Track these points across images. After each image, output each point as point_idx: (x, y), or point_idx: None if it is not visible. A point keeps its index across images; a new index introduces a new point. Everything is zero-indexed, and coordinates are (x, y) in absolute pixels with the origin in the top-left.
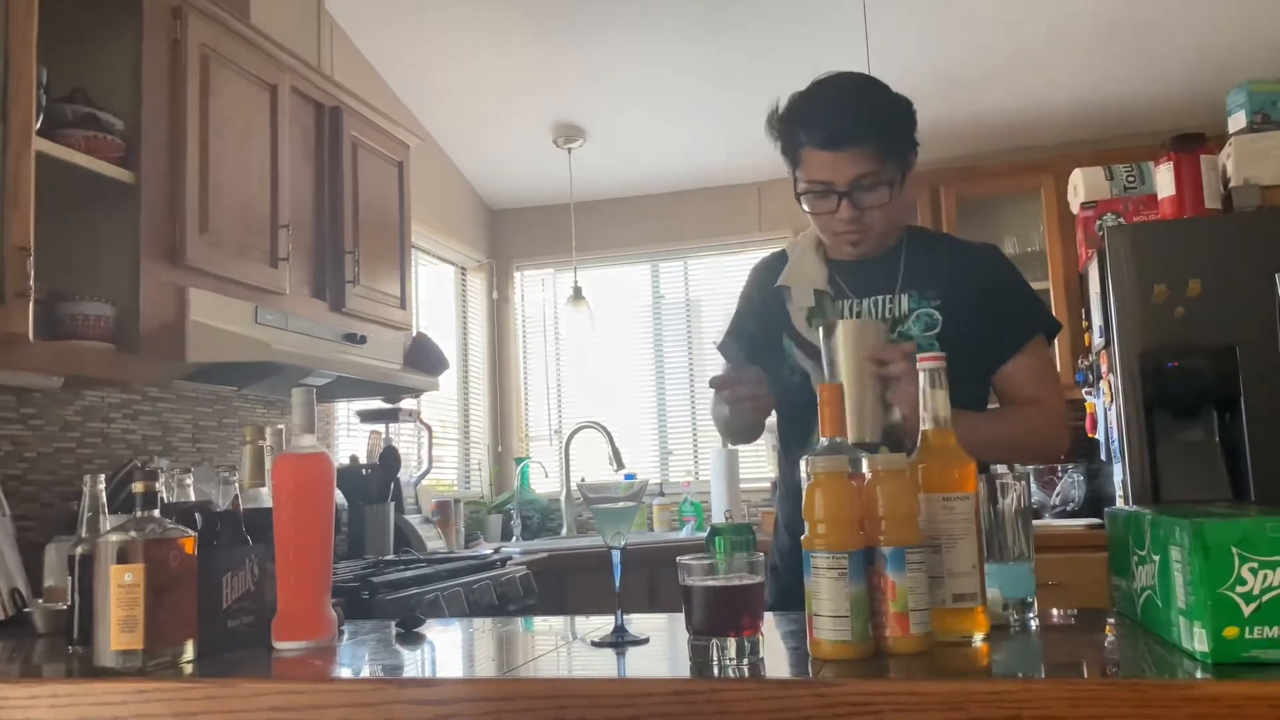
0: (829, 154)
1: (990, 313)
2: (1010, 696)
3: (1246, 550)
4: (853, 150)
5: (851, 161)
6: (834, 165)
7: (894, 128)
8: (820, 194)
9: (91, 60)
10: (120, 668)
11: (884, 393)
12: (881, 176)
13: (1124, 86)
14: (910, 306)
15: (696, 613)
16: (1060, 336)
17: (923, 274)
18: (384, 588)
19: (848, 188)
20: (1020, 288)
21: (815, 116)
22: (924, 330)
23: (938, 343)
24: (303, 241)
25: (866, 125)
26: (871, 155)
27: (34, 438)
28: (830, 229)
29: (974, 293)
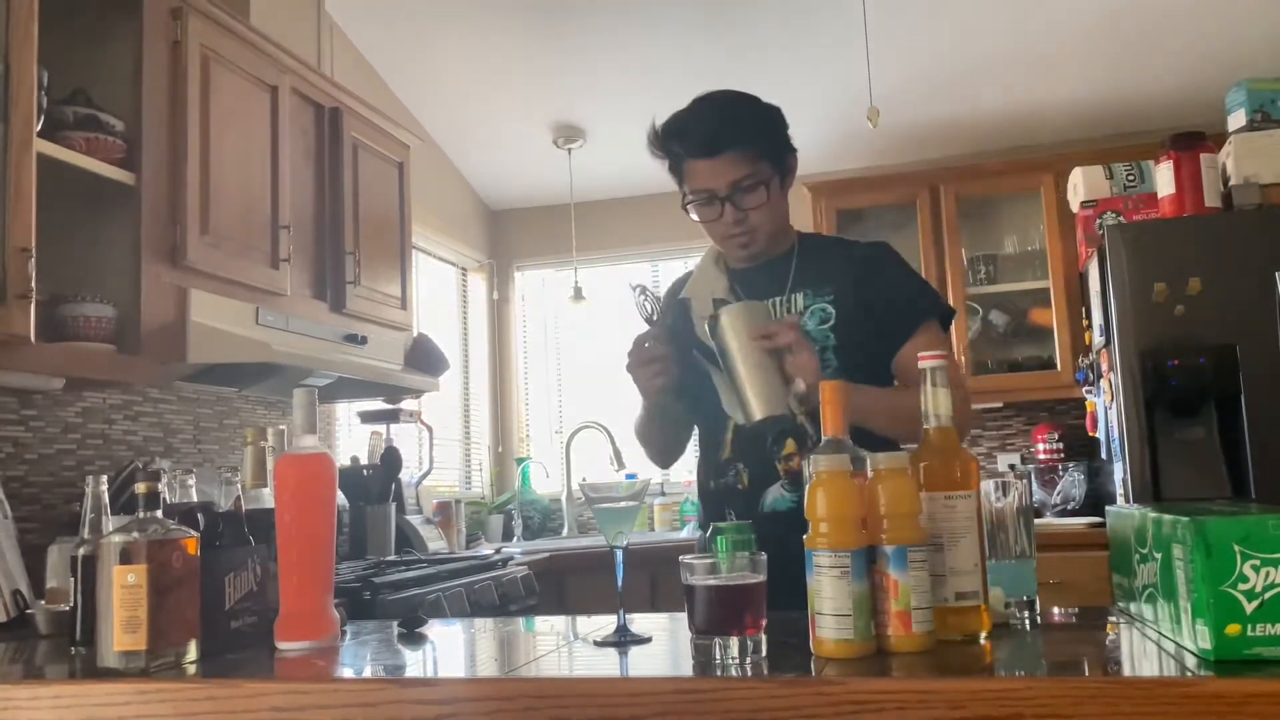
0: (706, 162)
1: (881, 303)
2: (1013, 694)
3: (1248, 548)
4: (727, 155)
5: (728, 166)
6: (712, 172)
7: (765, 131)
8: (704, 201)
9: (92, 62)
10: (123, 669)
11: (782, 366)
12: (758, 178)
13: (1123, 85)
14: (805, 304)
15: (699, 612)
16: (1061, 335)
17: (814, 273)
18: (386, 588)
19: (728, 192)
20: (909, 277)
21: (689, 128)
22: (819, 324)
23: (833, 335)
24: (303, 242)
25: (737, 129)
26: (746, 159)
27: (35, 439)
28: (719, 235)
29: (864, 286)
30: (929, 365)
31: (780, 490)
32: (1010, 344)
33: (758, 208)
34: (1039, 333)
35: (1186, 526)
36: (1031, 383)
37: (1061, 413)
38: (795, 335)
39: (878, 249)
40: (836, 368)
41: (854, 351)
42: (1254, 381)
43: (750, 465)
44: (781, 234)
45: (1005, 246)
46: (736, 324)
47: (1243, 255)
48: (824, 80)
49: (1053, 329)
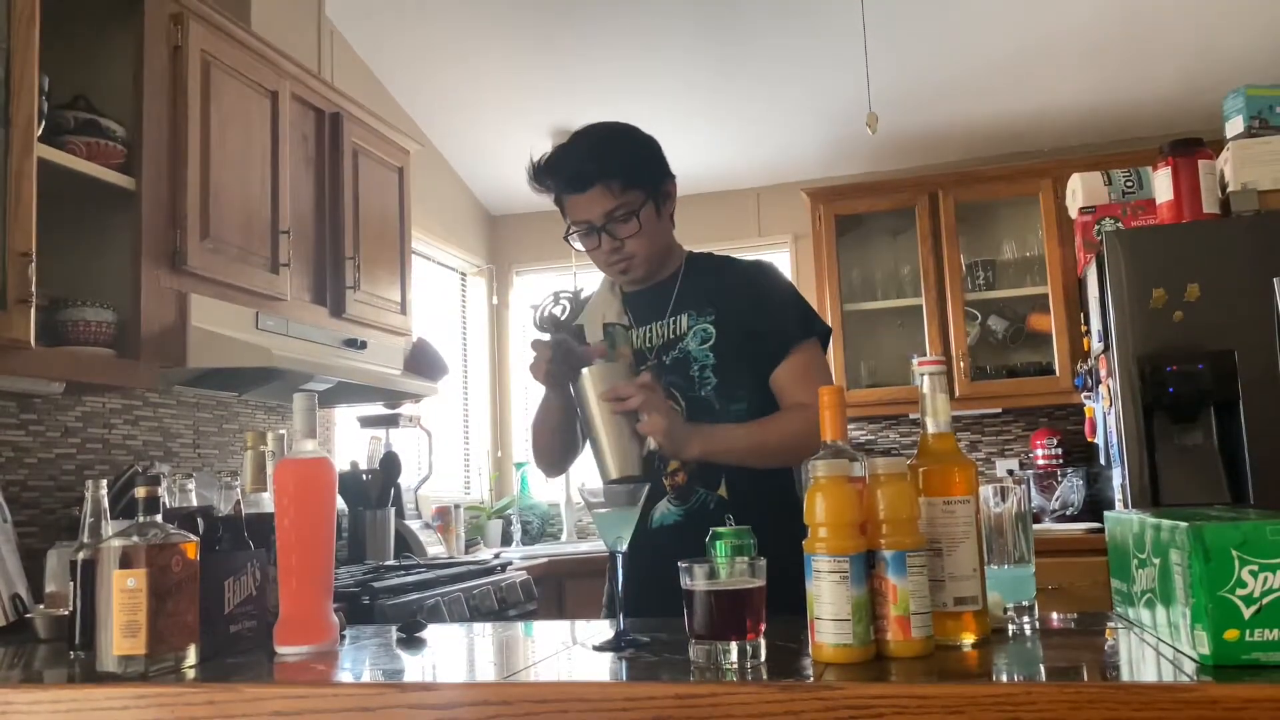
0: (579, 196)
1: (760, 322)
2: (1011, 700)
3: (1247, 553)
4: (598, 188)
5: (598, 199)
6: (586, 205)
7: (632, 162)
8: (584, 233)
9: (93, 67)
10: (122, 673)
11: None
12: (630, 207)
13: (1122, 91)
14: (689, 324)
15: (698, 617)
16: (1059, 341)
17: (697, 294)
18: (385, 593)
19: (602, 222)
20: (786, 297)
21: (559, 165)
22: (700, 344)
23: (713, 354)
24: (303, 247)
25: (605, 163)
26: (614, 190)
27: (35, 443)
28: (600, 262)
29: (743, 305)
30: (927, 371)
31: (667, 505)
32: (1009, 349)
33: (631, 236)
34: (1037, 338)
35: (1185, 532)
36: (1030, 388)
37: (1060, 418)
38: (645, 396)
39: (757, 268)
40: (716, 385)
41: (735, 371)
42: (1252, 387)
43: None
44: (664, 257)
45: (1004, 252)
46: (594, 384)
47: (1241, 261)
48: (823, 86)
49: (1051, 335)
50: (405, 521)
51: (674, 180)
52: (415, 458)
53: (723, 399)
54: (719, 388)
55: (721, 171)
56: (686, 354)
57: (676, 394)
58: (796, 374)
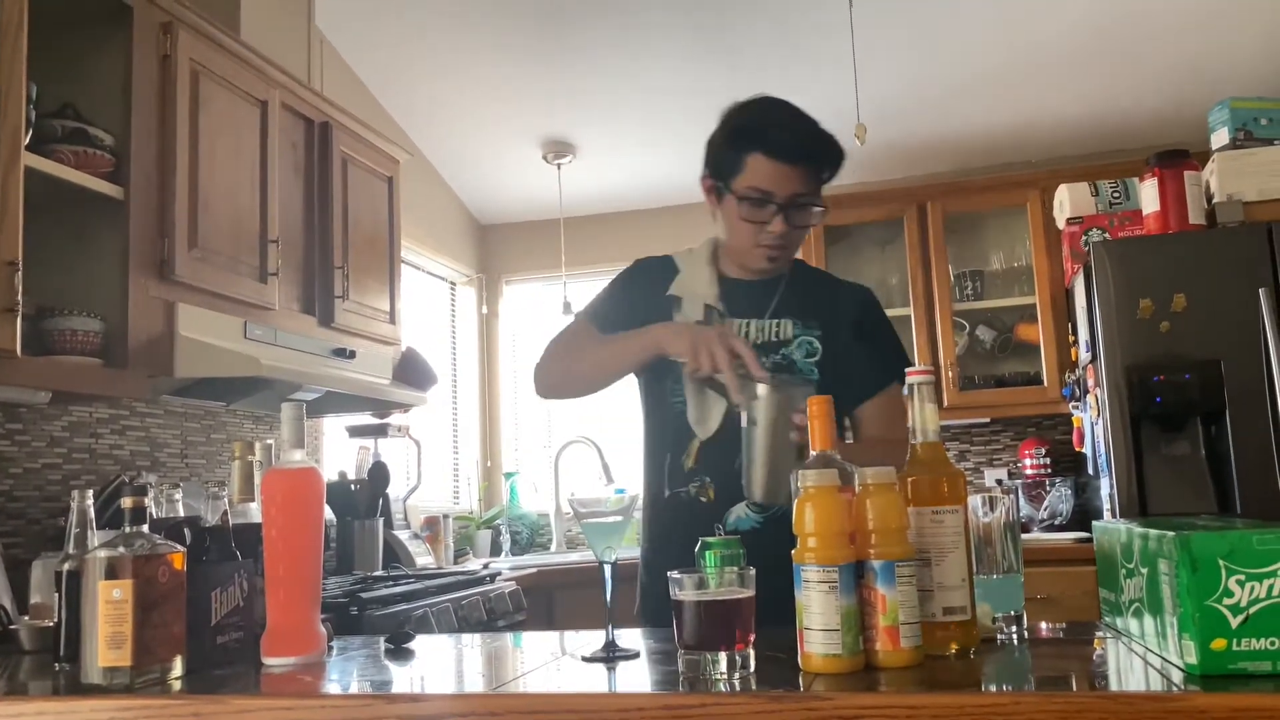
0: (778, 165)
1: (861, 351)
2: (1000, 709)
3: (1234, 563)
4: (801, 167)
5: (795, 177)
6: (779, 177)
7: (837, 161)
8: (757, 202)
9: (81, 76)
10: (108, 685)
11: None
12: (815, 199)
13: (1109, 103)
14: (794, 332)
15: (687, 627)
16: (1047, 351)
17: (804, 304)
18: (373, 603)
19: (785, 202)
20: (890, 333)
21: (781, 123)
22: (805, 357)
23: (817, 370)
24: (292, 257)
25: (821, 147)
26: (813, 177)
27: (21, 453)
28: (750, 239)
29: (848, 329)
30: (916, 380)
31: (745, 510)
32: (997, 359)
33: (802, 228)
34: (1025, 348)
35: (1172, 542)
36: (1018, 398)
37: (1048, 428)
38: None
39: (868, 296)
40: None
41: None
42: (1239, 397)
43: (716, 479)
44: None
45: (992, 262)
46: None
47: (1227, 272)
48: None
49: (1039, 345)
50: (394, 531)
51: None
52: (404, 468)
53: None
54: None
55: None
56: (790, 363)
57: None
58: (887, 412)
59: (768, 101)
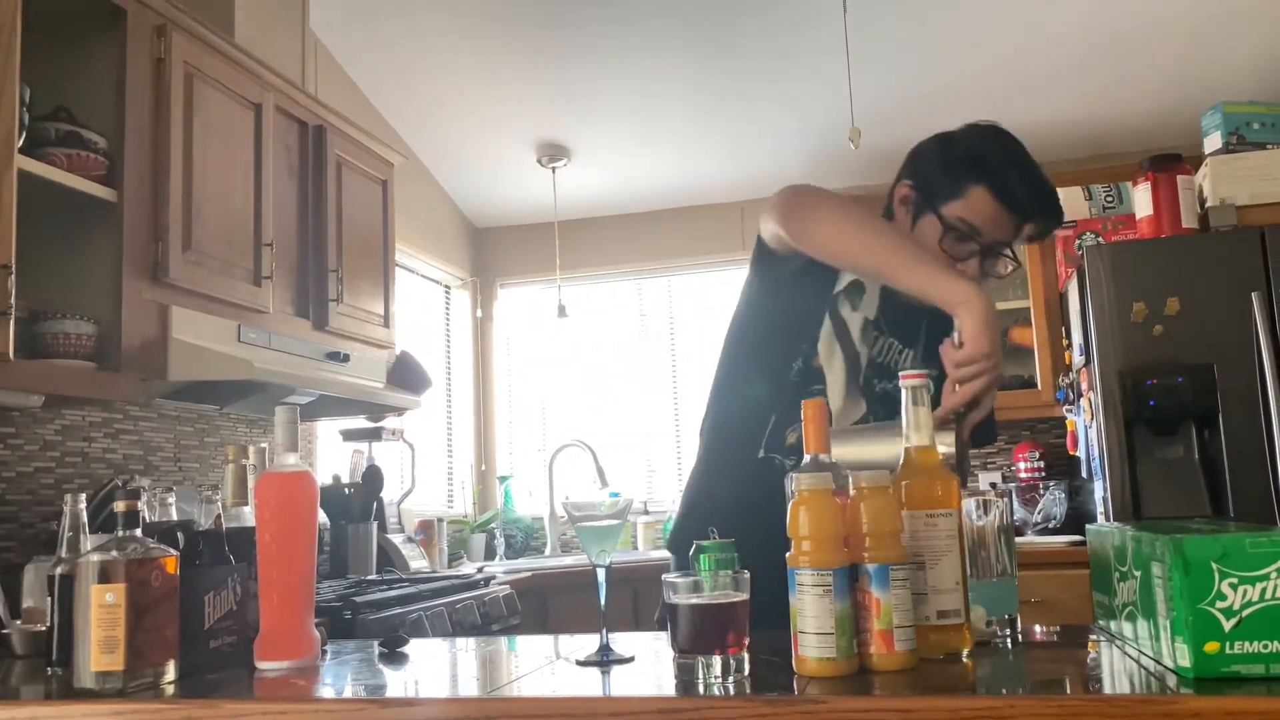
0: (998, 206)
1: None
2: (994, 713)
3: (1227, 566)
4: (1015, 219)
5: (1008, 224)
6: (995, 220)
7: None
8: (962, 235)
9: (75, 78)
10: (100, 689)
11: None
12: (1012, 250)
13: (1102, 107)
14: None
15: (682, 630)
16: (1041, 354)
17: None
18: (367, 607)
19: (988, 244)
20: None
21: (1019, 166)
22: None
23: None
24: (286, 260)
25: (1051, 202)
26: (1018, 231)
27: (13, 457)
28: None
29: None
30: (908, 384)
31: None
32: None
33: (996, 276)
34: (1019, 352)
35: (1165, 545)
36: (1012, 401)
37: (1042, 431)
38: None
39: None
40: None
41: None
42: (1232, 400)
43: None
44: None
45: None
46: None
47: (1220, 275)
48: (806, 101)
49: (1033, 348)
50: (388, 535)
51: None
52: (398, 471)
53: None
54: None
55: (705, 185)
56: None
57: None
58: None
59: (1008, 138)
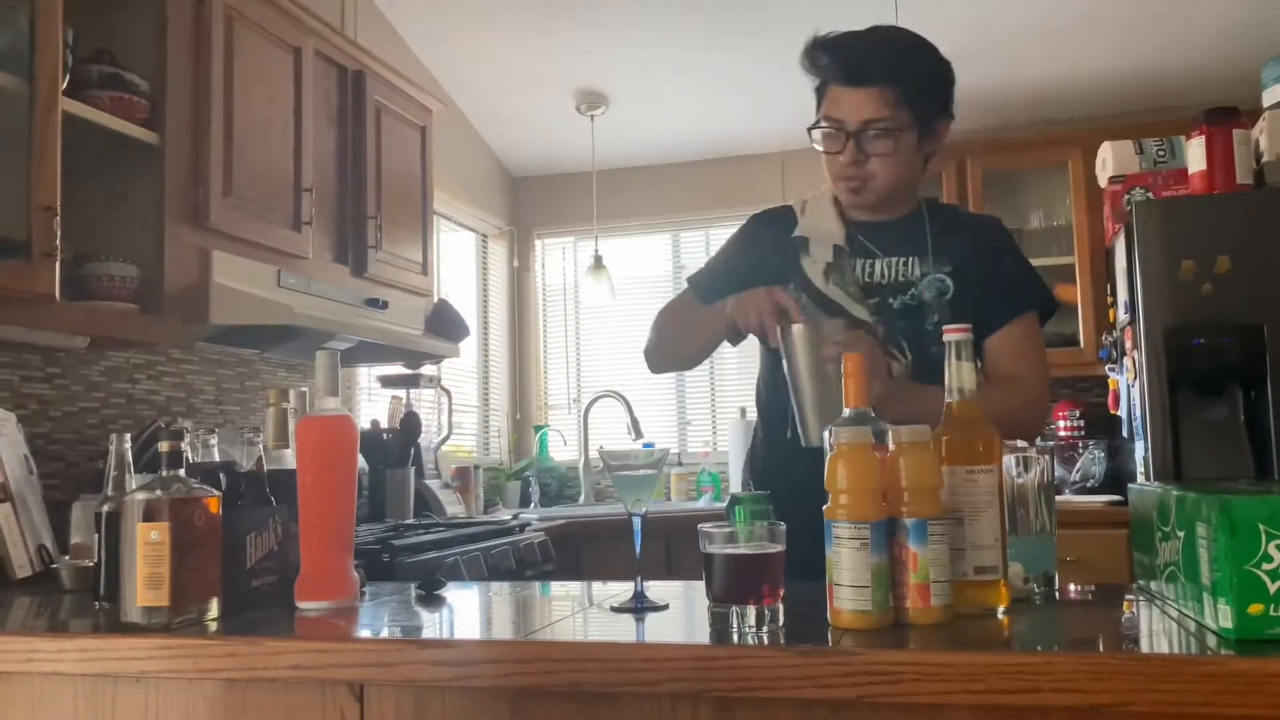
0: (847, 90)
1: (990, 283)
2: (1031, 669)
3: (1274, 527)
4: (869, 89)
5: (866, 102)
6: (849, 103)
7: (917, 77)
8: (831, 132)
9: (117, 21)
10: (146, 624)
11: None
12: (893, 124)
13: (1155, 58)
14: (923, 271)
15: (717, 580)
16: (1085, 312)
17: (931, 241)
18: (404, 551)
19: (857, 128)
20: (1021, 261)
21: (842, 47)
22: (937, 296)
23: (949, 308)
24: (325, 206)
25: (890, 65)
26: (887, 100)
27: (60, 397)
28: (834, 172)
29: (979, 263)
30: (952, 338)
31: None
32: None
33: (880, 155)
34: (1063, 309)
35: (1211, 504)
36: (1054, 359)
37: (1083, 390)
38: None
39: (996, 226)
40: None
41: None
42: None
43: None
44: (902, 194)
45: (1031, 221)
46: (805, 345)
47: (1274, 234)
48: None
49: (1077, 305)
50: (425, 481)
51: (949, 123)
52: (435, 418)
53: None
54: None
55: (746, 135)
56: (921, 303)
57: (904, 344)
58: (1016, 345)
59: (847, 32)
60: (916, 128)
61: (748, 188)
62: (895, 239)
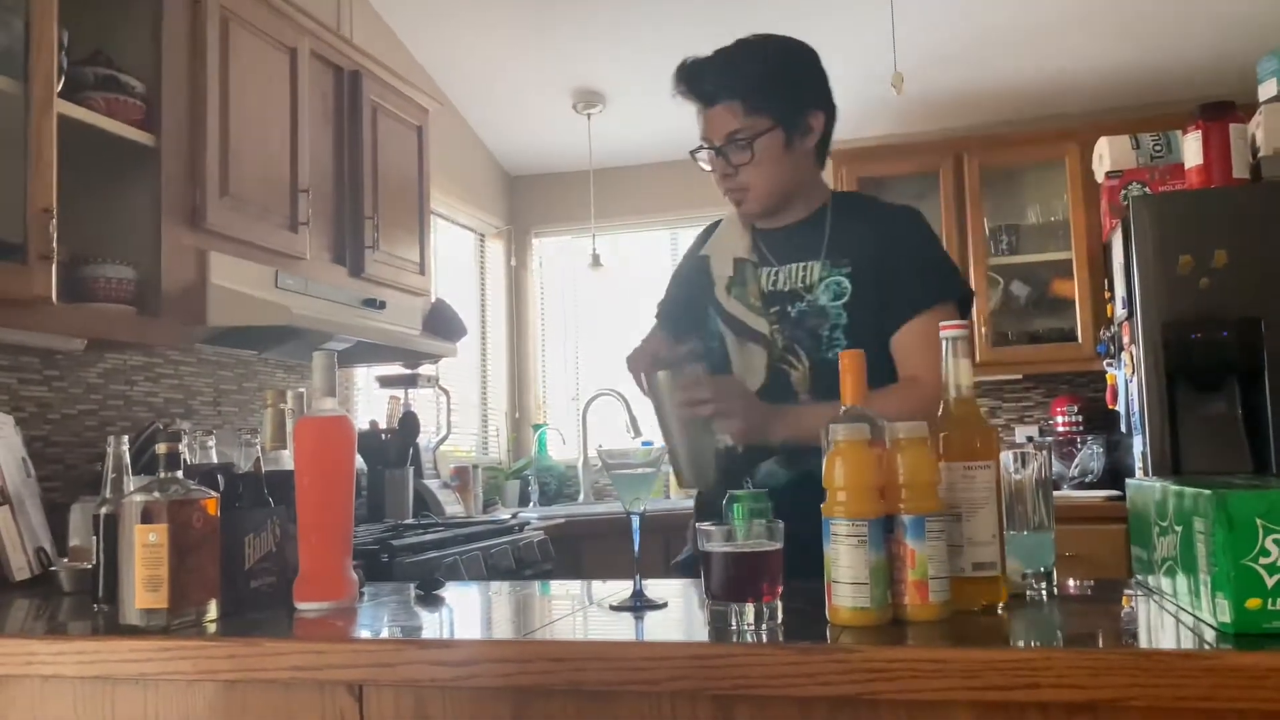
0: (707, 111)
1: (895, 278)
2: (1029, 665)
3: (1271, 522)
4: (719, 107)
5: (720, 118)
6: (709, 122)
7: (766, 84)
8: (707, 152)
9: (112, 22)
10: (145, 626)
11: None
12: (751, 132)
13: (1151, 53)
14: (820, 274)
15: (715, 578)
16: (1082, 307)
17: (834, 241)
18: (403, 551)
19: (720, 144)
20: (932, 251)
21: (689, 74)
22: (832, 300)
23: (845, 313)
24: (323, 206)
25: (732, 80)
26: (736, 113)
27: (58, 399)
28: (719, 189)
29: (880, 257)
30: (949, 335)
31: (774, 465)
32: (1031, 315)
33: (746, 165)
34: (1060, 304)
35: (1209, 499)
36: (1052, 355)
37: (1081, 385)
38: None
39: (902, 216)
40: (845, 346)
41: (867, 333)
42: (1278, 356)
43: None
44: (794, 195)
45: (1028, 217)
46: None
47: (1271, 228)
48: (848, 46)
49: (1074, 301)
50: (424, 481)
51: (822, 113)
52: (434, 418)
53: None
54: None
55: None
56: (818, 309)
57: (801, 352)
58: (916, 340)
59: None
60: (781, 128)
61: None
62: (794, 244)
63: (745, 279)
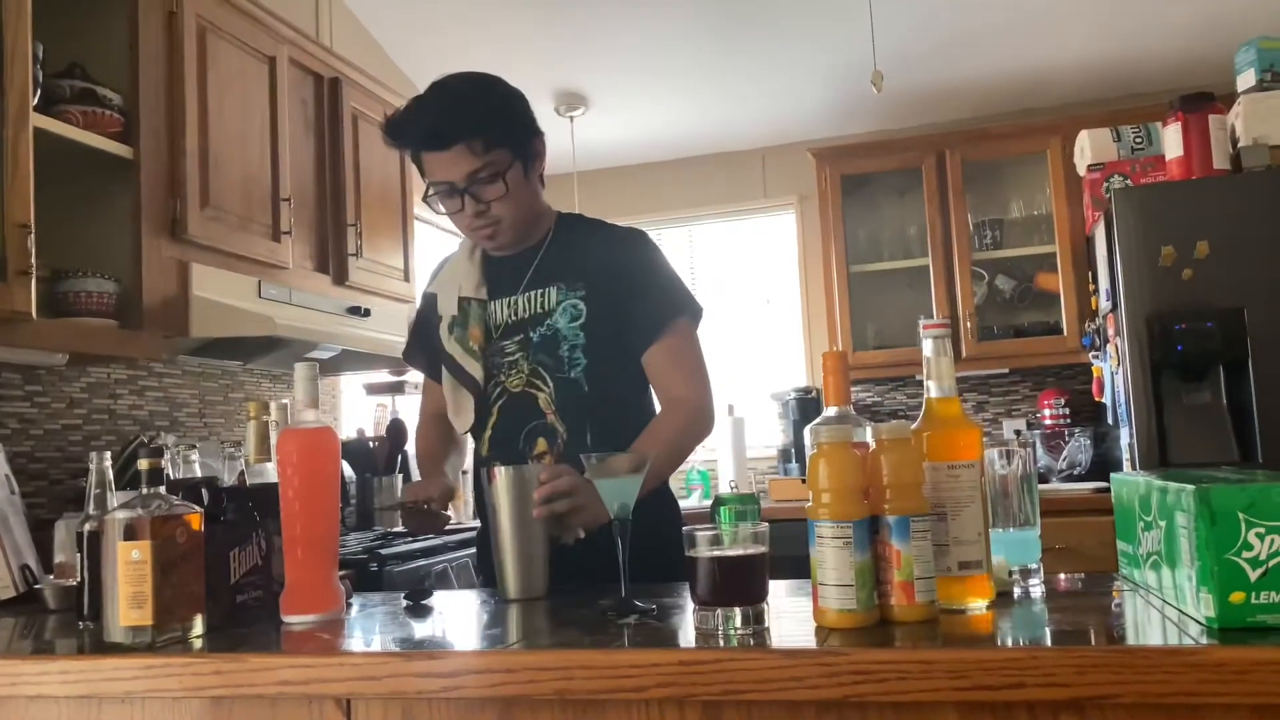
0: (438, 154)
1: (631, 299)
2: (1016, 664)
3: (1254, 516)
4: (458, 147)
5: (460, 158)
6: (446, 165)
7: (497, 120)
8: (445, 194)
9: (87, 34)
10: (130, 643)
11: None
12: (495, 168)
13: (1131, 46)
14: (557, 299)
15: (702, 583)
16: (1067, 300)
17: (566, 265)
18: (392, 560)
19: (465, 184)
20: (659, 272)
21: (414, 121)
22: (570, 322)
23: (583, 333)
24: (305, 215)
25: (465, 120)
26: (476, 151)
27: (41, 415)
28: (464, 227)
29: (615, 279)
30: (931, 334)
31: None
32: (1016, 309)
33: (498, 199)
34: (1045, 298)
35: (1192, 494)
36: (1038, 348)
37: (1068, 378)
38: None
39: (629, 238)
40: (585, 366)
41: (606, 351)
42: (1262, 345)
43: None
44: (533, 221)
45: (1011, 211)
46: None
47: (1252, 217)
48: (828, 44)
49: (1059, 294)
50: None
51: (542, 138)
52: None
53: (593, 380)
54: (589, 369)
55: (727, 132)
56: (555, 332)
57: (546, 374)
58: (669, 359)
59: (424, 93)
60: (518, 159)
61: (729, 185)
62: (526, 270)
63: (468, 319)
